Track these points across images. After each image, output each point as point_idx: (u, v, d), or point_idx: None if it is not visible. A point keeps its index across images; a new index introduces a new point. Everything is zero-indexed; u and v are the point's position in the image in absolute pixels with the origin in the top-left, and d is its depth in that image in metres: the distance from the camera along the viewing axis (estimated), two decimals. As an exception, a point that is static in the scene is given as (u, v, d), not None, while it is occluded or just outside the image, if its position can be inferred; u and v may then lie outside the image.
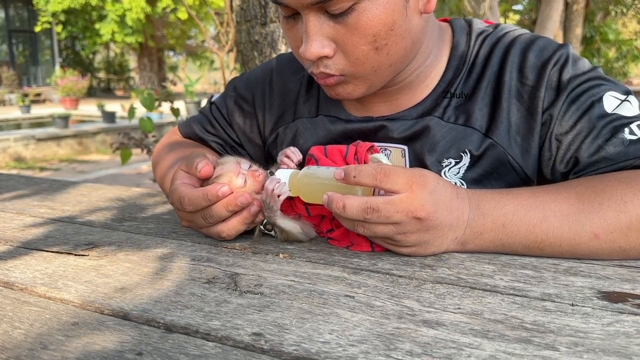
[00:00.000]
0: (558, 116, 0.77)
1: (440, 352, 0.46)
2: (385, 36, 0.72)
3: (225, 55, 3.78)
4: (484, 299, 0.56)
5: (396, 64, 0.77)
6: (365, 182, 0.65)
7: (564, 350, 0.46)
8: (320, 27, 0.72)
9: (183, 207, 0.73)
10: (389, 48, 0.74)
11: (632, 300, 0.55)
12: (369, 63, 0.75)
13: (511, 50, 0.82)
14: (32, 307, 0.57)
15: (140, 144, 3.47)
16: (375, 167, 0.65)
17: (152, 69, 20.49)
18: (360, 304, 0.55)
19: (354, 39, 0.72)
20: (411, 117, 0.85)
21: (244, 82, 1.04)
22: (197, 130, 1.06)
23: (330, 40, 0.73)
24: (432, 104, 0.84)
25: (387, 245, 0.69)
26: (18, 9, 19.65)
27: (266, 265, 0.67)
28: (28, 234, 0.84)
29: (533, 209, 0.67)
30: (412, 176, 0.65)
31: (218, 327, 0.51)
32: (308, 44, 0.73)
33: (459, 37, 0.87)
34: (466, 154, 0.81)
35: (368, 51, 0.73)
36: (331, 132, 0.91)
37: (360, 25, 0.71)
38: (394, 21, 0.72)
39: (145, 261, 0.70)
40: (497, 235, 0.68)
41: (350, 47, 0.73)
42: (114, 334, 0.51)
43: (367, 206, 0.64)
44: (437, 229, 0.66)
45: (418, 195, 0.64)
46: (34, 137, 8.26)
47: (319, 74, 0.77)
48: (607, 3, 11.00)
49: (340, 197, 0.65)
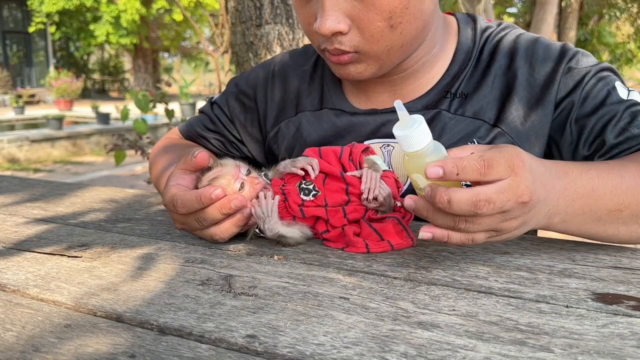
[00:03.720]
0: (578, 102, 0.81)
1: (435, 354, 0.46)
2: (401, 14, 0.74)
3: (220, 56, 3.78)
4: (478, 301, 0.56)
5: (407, 45, 0.80)
6: (471, 178, 0.58)
7: (559, 352, 0.46)
8: (336, 2, 0.74)
9: (176, 209, 0.73)
10: (403, 27, 0.76)
11: (626, 302, 0.56)
12: (383, 41, 0.76)
13: (518, 46, 0.86)
14: (24, 309, 0.57)
15: (134, 146, 3.46)
16: (476, 159, 0.58)
17: (147, 70, 20.46)
18: (355, 306, 0.55)
19: (370, 15, 0.73)
20: (416, 109, 0.87)
21: (245, 79, 1.05)
22: (198, 128, 1.06)
23: (345, 16, 0.74)
24: (437, 97, 0.86)
25: (481, 238, 0.62)
26: (12, 9, 19.57)
27: (260, 267, 0.67)
28: (21, 235, 0.83)
29: (610, 172, 0.68)
30: (510, 158, 0.59)
31: (212, 329, 0.51)
32: (324, 18, 0.74)
33: (464, 32, 0.89)
34: (474, 143, 0.83)
35: (383, 28, 0.75)
36: (336, 125, 0.91)
37: (378, 2, 0.72)
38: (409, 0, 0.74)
39: (138, 263, 0.70)
40: (587, 201, 0.66)
41: (366, 23, 0.74)
42: (107, 336, 0.50)
43: (479, 199, 0.57)
44: (535, 207, 0.61)
45: (522, 177, 0.59)
46: (28, 139, 8.22)
47: (333, 50, 0.78)
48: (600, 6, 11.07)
49: (444, 191, 0.57)
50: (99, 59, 24.22)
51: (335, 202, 0.74)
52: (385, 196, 0.74)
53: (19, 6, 19.26)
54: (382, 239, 0.72)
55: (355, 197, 0.75)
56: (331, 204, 0.74)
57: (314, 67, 1.00)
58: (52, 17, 17.95)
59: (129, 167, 7.12)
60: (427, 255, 0.70)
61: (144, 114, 3.50)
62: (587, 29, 10.73)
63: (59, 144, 8.63)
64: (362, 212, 0.74)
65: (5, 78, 17.12)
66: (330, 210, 0.74)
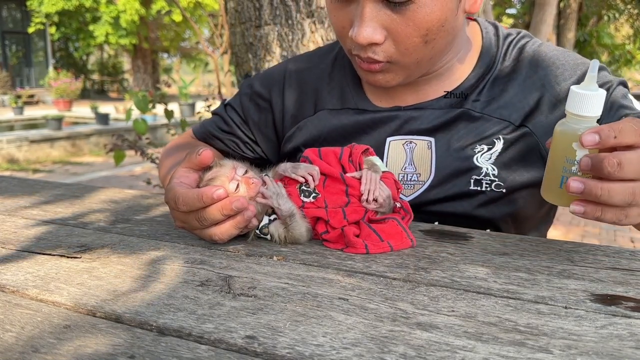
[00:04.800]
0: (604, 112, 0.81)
1: (434, 354, 0.46)
2: (437, 31, 0.76)
3: (219, 57, 3.78)
4: (477, 302, 0.56)
5: (436, 57, 0.82)
6: (630, 140, 0.55)
7: (558, 352, 0.46)
8: (377, 14, 0.75)
9: (177, 207, 0.73)
10: (436, 42, 0.78)
11: (625, 303, 0.56)
12: (416, 54, 0.78)
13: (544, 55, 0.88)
14: (24, 309, 0.57)
15: (133, 146, 3.45)
16: (632, 122, 0.56)
17: (146, 70, 20.45)
18: (354, 307, 0.55)
19: (407, 30, 0.75)
20: (439, 107, 0.88)
21: (259, 79, 1.06)
22: (212, 129, 1.07)
23: (383, 27, 0.76)
24: (461, 96, 0.88)
25: (635, 214, 0.58)
26: (11, 10, 19.57)
27: (260, 268, 0.67)
28: (20, 235, 0.83)
29: None
30: None
31: (211, 330, 0.51)
32: (362, 28, 0.75)
33: (488, 37, 0.91)
34: (499, 140, 0.85)
35: (418, 43, 0.76)
36: (359, 122, 0.93)
37: (417, 18, 0.74)
38: (446, 18, 0.75)
39: (138, 263, 0.70)
40: None
41: (403, 37, 0.76)
42: (106, 337, 0.50)
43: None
44: None
45: None
46: (27, 139, 8.22)
47: (366, 58, 0.79)
48: (599, 7, 11.09)
49: (612, 155, 0.54)
50: (98, 59, 24.21)
51: (335, 203, 0.75)
52: (385, 197, 0.74)
53: (18, 6, 19.25)
54: (382, 239, 0.72)
55: (355, 198, 0.75)
56: (331, 206, 0.74)
57: (332, 66, 1.01)
58: (51, 18, 17.94)
59: (129, 168, 7.12)
60: (426, 256, 0.70)
61: (143, 114, 3.50)
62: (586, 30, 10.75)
63: (58, 145, 8.63)
64: (361, 213, 0.74)
65: (4, 78, 17.11)
66: (330, 212, 0.74)
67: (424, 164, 0.88)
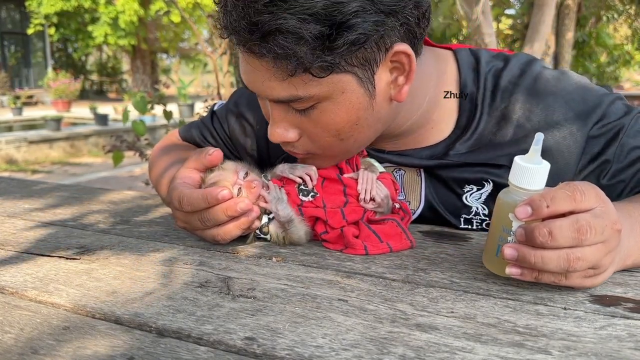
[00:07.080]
0: (614, 159, 0.77)
1: (433, 356, 0.46)
2: (350, 130, 0.71)
3: (218, 58, 3.78)
4: (477, 303, 0.56)
5: (364, 144, 0.77)
6: (563, 208, 0.54)
7: (557, 354, 0.46)
8: (285, 116, 0.71)
9: (181, 207, 0.72)
10: (355, 137, 0.73)
11: (624, 304, 0.56)
12: (334, 149, 0.74)
13: (534, 97, 0.80)
14: (23, 311, 0.57)
15: (132, 147, 3.46)
16: (566, 188, 0.55)
17: (145, 71, 20.43)
18: (354, 308, 0.55)
19: (317, 131, 0.71)
20: (421, 157, 0.84)
21: (245, 100, 1.02)
22: (197, 139, 1.06)
23: (294, 127, 0.72)
24: (445, 149, 0.83)
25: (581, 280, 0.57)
26: (10, 10, 19.55)
27: (259, 269, 0.67)
28: (19, 237, 0.83)
29: None
30: (593, 187, 0.57)
31: (210, 331, 0.51)
32: (273, 128, 0.73)
33: (466, 75, 0.83)
34: (489, 182, 0.81)
35: (332, 141, 0.72)
36: None
37: (322, 122, 0.70)
38: (359, 117, 0.70)
39: (137, 265, 0.70)
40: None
41: (315, 136, 0.72)
42: (105, 339, 0.50)
43: (580, 224, 0.53)
44: (621, 241, 0.59)
45: (610, 205, 0.57)
46: (26, 140, 8.21)
47: (287, 150, 0.77)
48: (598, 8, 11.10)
49: (542, 225, 0.54)
50: (97, 60, 24.18)
51: (333, 203, 0.75)
52: (383, 197, 0.75)
53: (17, 7, 19.23)
54: (381, 240, 0.72)
55: (353, 198, 0.75)
56: (330, 206, 0.74)
57: None
58: (50, 19, 17.93)
59: (128, 169, 7.11)
60: (426, 258, 0.70)
61: (142, 115, 3.50)
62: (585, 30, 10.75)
63: (57, 145, 8.62)
64: (360, 213, 0.74)
65: (3, 79, 17.08)
66: (328, 212, 0.74)
67: (414, 192, 0.86)
